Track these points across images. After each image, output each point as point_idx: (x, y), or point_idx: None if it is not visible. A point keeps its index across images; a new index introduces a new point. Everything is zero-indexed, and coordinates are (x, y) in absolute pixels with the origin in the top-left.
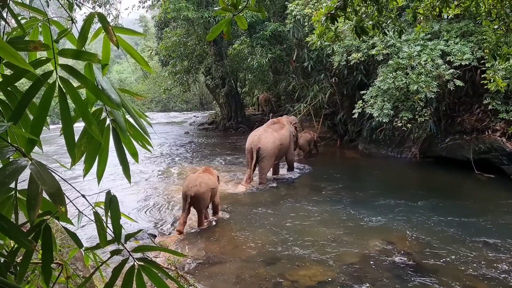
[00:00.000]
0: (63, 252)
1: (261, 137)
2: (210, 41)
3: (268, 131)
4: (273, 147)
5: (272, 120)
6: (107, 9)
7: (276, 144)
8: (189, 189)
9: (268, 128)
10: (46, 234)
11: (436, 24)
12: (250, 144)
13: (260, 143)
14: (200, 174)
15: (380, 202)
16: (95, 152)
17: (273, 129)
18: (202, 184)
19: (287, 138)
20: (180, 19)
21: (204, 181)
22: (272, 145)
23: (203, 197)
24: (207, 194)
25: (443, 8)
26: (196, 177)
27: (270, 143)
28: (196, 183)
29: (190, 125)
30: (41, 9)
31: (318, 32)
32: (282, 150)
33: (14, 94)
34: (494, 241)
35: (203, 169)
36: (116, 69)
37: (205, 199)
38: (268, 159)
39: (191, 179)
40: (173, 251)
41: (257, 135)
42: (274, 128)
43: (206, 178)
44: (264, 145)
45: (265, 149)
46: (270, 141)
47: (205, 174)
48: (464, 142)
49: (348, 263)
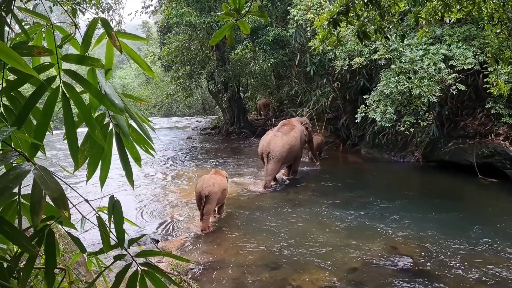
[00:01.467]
0: (66, 257)
1: (270, 141)
2: (212, 46)
3: (278, 134)
4: (281, 151)
5: (283, 122)
6: (110, 14)
7: (285, 148)
8: (203, 189)
9: (278, 132)
10: (49, 239)
11: (439, 29)
12: (260, 149)
13: (269, 147)
14: (212, 175)
15: (383, 207)
16: (98, 157)
17: (283, 132)
18: (215, 184)
19: (297, 140)
20: (182, 25)
21: (217, 182)
22: (281, 149)
23: (216, 197)
24: (219, 194)
25: (445, 13)
26: (209, 178)
27: (279, 147)
28: (210, 184)
29: (193, 130)
30: (45, 15)
31: (321, 37)
32: (291, 153)
33: (18, 99)
34: (497, 245)
35: (214, 171)
36: (119, 75)
37: (217, 199)
38: (276, 162)
39: (205, 180)
40: (176, 256)
41: (267, 140)
42: (284, 131)
43: (218, 179)
44: (273, 149)
45: (273, 152)
46: (279, 145)
47: (216, 176)
48: (467, 147)
49: (351, 267)
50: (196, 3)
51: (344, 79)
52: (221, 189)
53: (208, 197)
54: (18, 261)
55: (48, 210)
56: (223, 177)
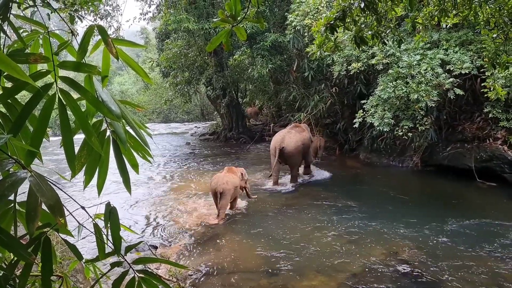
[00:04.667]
0: (64, 264)
1: (284, 137)
2: (210, 52)
3: (292, 132)
4: (295, 146)
5: (294, 124)
6: (109, 21)
7: (299, 144)
8: (218, 186)
9: (292, 130)
10: (45, 247)
11: (435, 33)
12: (274, 144)
13: (284, 143)
14: (225, 173)
15: (382, 211)
16: (95, 163)
17: (295, 131)
18: (228, 182)
19: (308, 140)
20: (181, 31)
21: (229, 179)
22: (295, 145)
23: (229, 193)
24: (232, 191)
25: (441, 18)
26: (223, 176)
27: (292, 143)
28: (224, 182)
29: (191, 135)
30: (43, 22)
31: (318, 42)
32: (303, 150)
33: (14, 106)
34: (497, 250)
35: (227, 169)
36: (117, 81)
37: (230, 195)
38: (296, 157)
39: (219, 178)
40: (174, 263)
41: (281, 136)
42: (296, 130)
43: (230, 177)
44: (287, 144)
45: (287, 148)
46: (293, 141)
47: (229, 174)
48: (465, 151)
49: (351, 273)
50: (194, 10)
51: (342, 84)
52: (234, 186)
53: (223, 193)
54: (14, 269)
55: (44, 217)
56: (235, 174)
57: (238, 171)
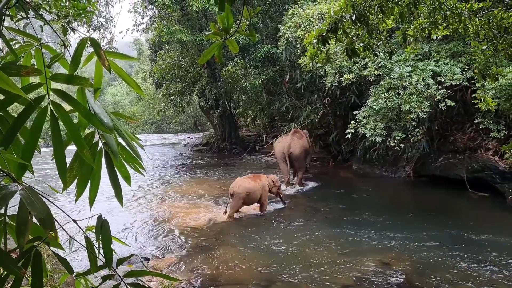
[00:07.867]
0: (54, 278)
1: (290, 144)
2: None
3: (294, 138)
4: (300, 151)
5: (294, 130)
6: (102, 32)
7: (302, 150)
8: (231, 188)
9: (293, 137)
10: (36, 260)
11: (426, 45)
12: (282, 150)
13: (291, 149)
14: (245, 179)
15: (375, 222)
16: (87, 176)
17: (296, 137)
18: (240, 187)
19: (308, 145)
20: (173, 42)
21: (243, 184)
22: (300, 150)
23: (238, 197)
24: (243, 195)
25: (432, 30)
26: (238, 180)
27: (298, 148)
28: (236, 185)
29: (184, 146)
30: (35, 34)
31: (310, 54)
32: (305, 153)
33: (6, 118)
34: (489, 259)
35: (251, 175)
36: (110, 92)
37: (240, 198)
38: (302, 160)
39: (236, 181)
40: (166, 275)
41: (287, 142)
42: (297, 136)
43: (246, 182)
44: (294, 150)
45: (295, 153)
46: (298, 146)
47: (247, 179)
48: (457, 161)
49: (344, 284)
50: (187, 21)
51: (334, 95)
52: (246, 191)
53: (233, 195)
54: (4, 283)
55: (35, 230)
56: (258, 181)
57: (268, 178)
